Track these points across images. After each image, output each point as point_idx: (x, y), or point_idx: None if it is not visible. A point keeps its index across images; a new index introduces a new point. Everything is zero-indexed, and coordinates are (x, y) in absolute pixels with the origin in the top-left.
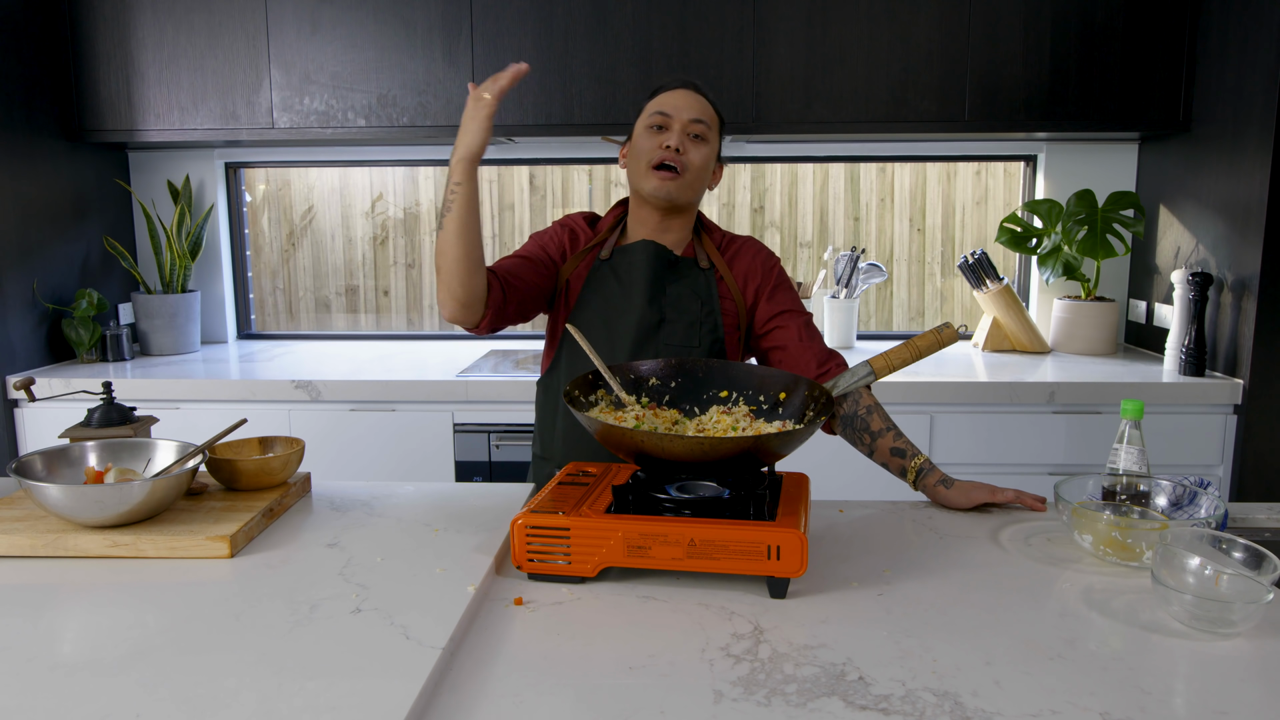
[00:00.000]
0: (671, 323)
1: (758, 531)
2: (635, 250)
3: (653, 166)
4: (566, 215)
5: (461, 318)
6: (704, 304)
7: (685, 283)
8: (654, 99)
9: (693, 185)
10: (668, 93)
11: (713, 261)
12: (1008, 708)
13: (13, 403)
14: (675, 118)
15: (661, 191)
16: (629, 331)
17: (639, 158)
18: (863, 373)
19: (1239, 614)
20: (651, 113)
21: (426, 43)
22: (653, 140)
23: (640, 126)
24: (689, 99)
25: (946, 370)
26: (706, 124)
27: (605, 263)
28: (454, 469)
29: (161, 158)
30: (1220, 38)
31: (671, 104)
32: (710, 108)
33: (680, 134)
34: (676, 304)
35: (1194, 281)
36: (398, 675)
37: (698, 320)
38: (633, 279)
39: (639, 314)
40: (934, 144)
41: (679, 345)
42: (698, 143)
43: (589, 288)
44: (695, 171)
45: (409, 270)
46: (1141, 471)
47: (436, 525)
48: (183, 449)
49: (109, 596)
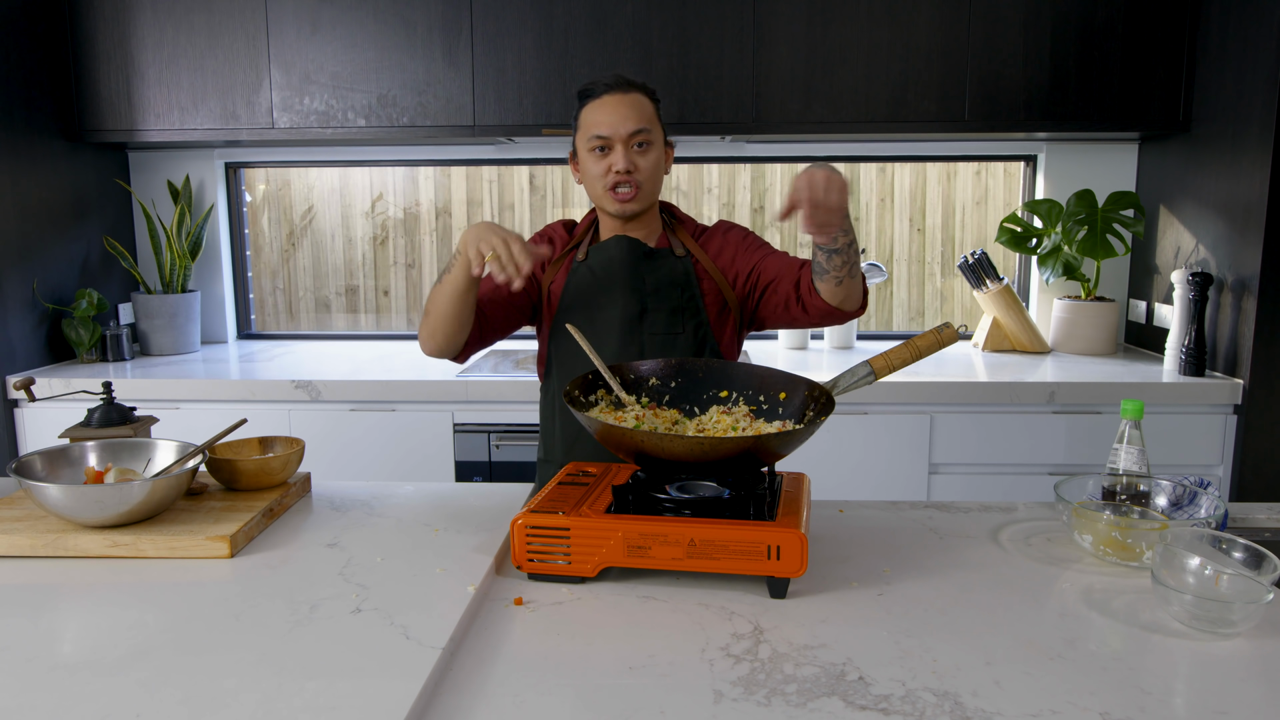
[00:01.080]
0: (654, 311)
1: (758, 531)
2: (609, 247)
3: (608, 189)
4: (546, 226)
5: (440, 355)
6: (683, 290)
7: (663, 271)
8: (585, 109)
9: (652, 191)
10: (597, 103)
11: (688, 249)
12: (1008, 708)
13: (13, 403)
14: (614, 137)
15: (626, 211)
16: (612, 325)
17: (591, 181)
18: (863, 373)
19: (1239, 614)
20: (589, 136)
21: (426, 43)
22: (599, 164)
23: (582, 147)
24: (621, 108)
25: (946, 370)
26: (646, 129)
27: (582, 264)
28: (454, 469)
29: (161, 158)
30: (1220, 38)
31: (607, 122)
32: (644, 102)
33: (625, 153)
34: (656, 293)
35: (1194, 281)
36: (398, 675)
37: (679, 306)
38: (610, 274)
39: (620, 307)
40: (934, 144)
41: (663, 333)
42: (644, 150)
43: (569, 290)
44: (650, 178)
45: (409, 270)
46: (1141, 471)
47: (436, 525)
48: (183, 449)
49: (109, 596)
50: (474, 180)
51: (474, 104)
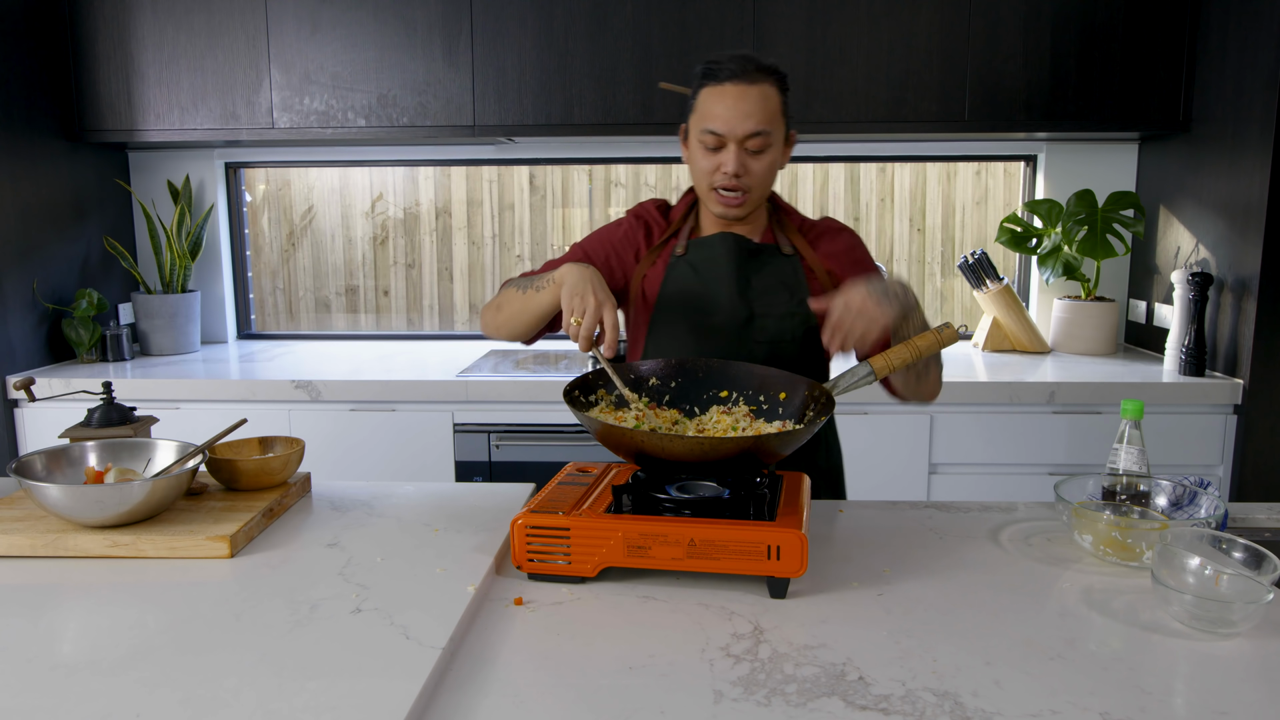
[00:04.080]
0: (762, 317)
1: (758, 531)
2: (713, 244)
3: (714, 188)
4: (640, 205)
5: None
6: (793, 293)
7: (770, 271)
8: (704, 92)
9: (758, 199)
10: (718, 90)
11: (795, 247)
12: (1008, 708)
13: (13, 403)
14: (728, 135)
15: (729, 215)
16: (718, 332)
17: (698, 174)
18: (863, 373)
19: (1239, 614)
20: (702, 128)
21: (426, 43)
22: (708, 160)
23: (694, 132)
24: (742, 103)
25: (946, 370)
26: (766, 132)
27: (681, 259)
28: (454, 469)
29: (161, 158)
30: (1220, 38)
31: (723, 116)
32: (769, 95)
33: (737, 154)
34: (764, 296)
35: (1194, 281)
36: (398, 675)
37: (789, 311)
38: (714, 274)
39: (727, 311)
40: (934, 144)
41: (770, 340)
42: (758, 157)
43: (669, 289)
44: (760, 184)
45: (409, 270)
46: (1141, 471)
47: (436, 525)
48: (183, 449)
49: (109, 596)
50: (474, 180)
51: (474, 104)
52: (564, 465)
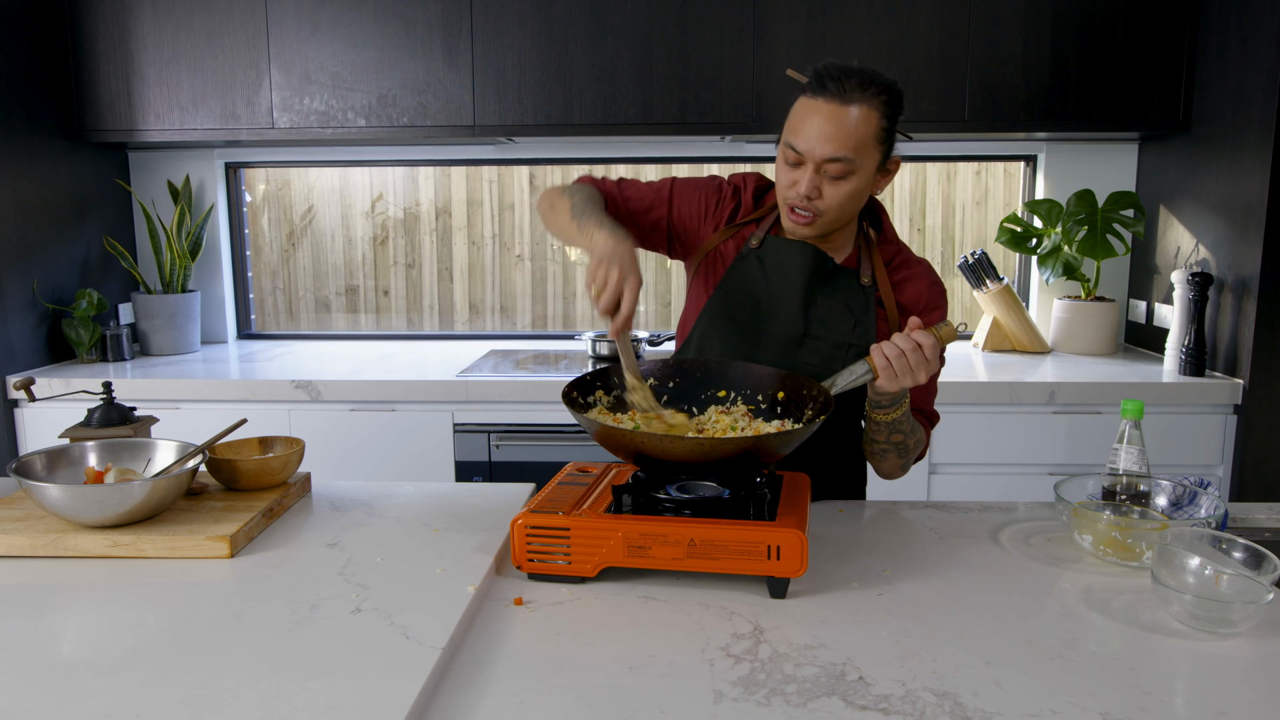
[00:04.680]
0: (816, 339)
1: (758, 531)
2: (791, 251)
3: (787, 203)
4: (741, 176)
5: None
6: (857, 324)
7: (839, 296)
8: (799, 100)
9: (834, 223)
10: (810, 104)
11: (875, 279)
12: (1008, 708)
13: (13, 403)
14: (807, 156)
15: (797, 235)
16: (768, 340)
17: (778, 183)
18: (861, 371)
19: (1239, 614)
20: (786, 141)
21: (426, 43)
22: (787, 174)
23: (782, 140)
24: (828, 125)
25: (946, 370)
26: (848, 159)
27: (754, 252)
28: (454, 469)
29: (161, 158)
30: (1220, 38)
31: (805, 134)
32: (864, 120)
33: (812, 177)
34: (825, 320)
35: (1194, 281)
36: (398, 675)
37: (845, 342)
38: (783, 282)
39: (783, 324)
40: (934, 144)
41: (820, 363)
42: (836, 183)
43: (734, 275)
44: (836, 210)
45: (409, 270)
46: (1141, 471)
47: (436, 525)
48: (183, 449)
49: (109, 596)
50: (474, 180)
51: (474, 104)
52: (564, 465)
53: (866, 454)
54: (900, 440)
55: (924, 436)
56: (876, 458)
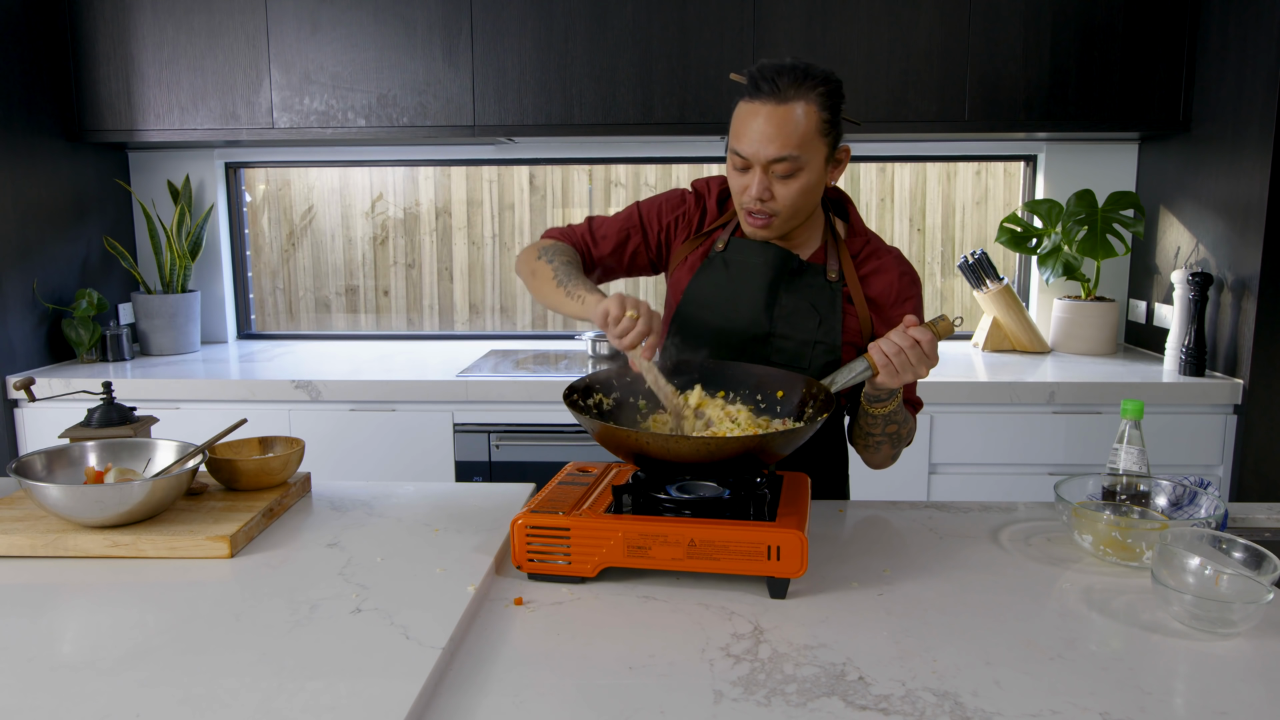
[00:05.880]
0: (782, 337)
1: (758, 532)
2: (754, 252)
3: (743, 208)
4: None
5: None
6: (822, 322)
7: (805, 294)
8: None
9: (790, 221)
10: (748, 108)
11: (843, 273)
12: (1008, 708)
13: (13, 403)
14: (753, 159)
15: (757, 237)
16: (734, 339)
17: (731, 189)
18: (860, 368)
19: (1239, 614)
20: (731, 150)
21: (426, 43)
22: (737, 180)
23: (729, 146)
24: (768, 126)
25: (946, 370)
26: (794, 157)
27: (719, 255)
28: (454, 469)
29: (161, 158)
30: (1220, 38)
31: (747, 138)
32: (803, 117)
33: (761, 179)
34: (791, 317)
35: (1194, 281)
36: (398, 675)
37: (811, 340)
38: (745, 282)
39: (747, 323)
40: (934, 144)
41: (786, 363)
42: (786, 182)
43: (698, 283)
44: (789, 211)
45: (409, 270)
46: (1141, 471)
47: (436, 525)
48: (183, 449)
49: (109, 596)
50: (474, 180)
51: (474, 104)
52: (564, 465)
53: (859, 448)
54: (895, 430)
55: (914, 424)
56: (870, 450)
